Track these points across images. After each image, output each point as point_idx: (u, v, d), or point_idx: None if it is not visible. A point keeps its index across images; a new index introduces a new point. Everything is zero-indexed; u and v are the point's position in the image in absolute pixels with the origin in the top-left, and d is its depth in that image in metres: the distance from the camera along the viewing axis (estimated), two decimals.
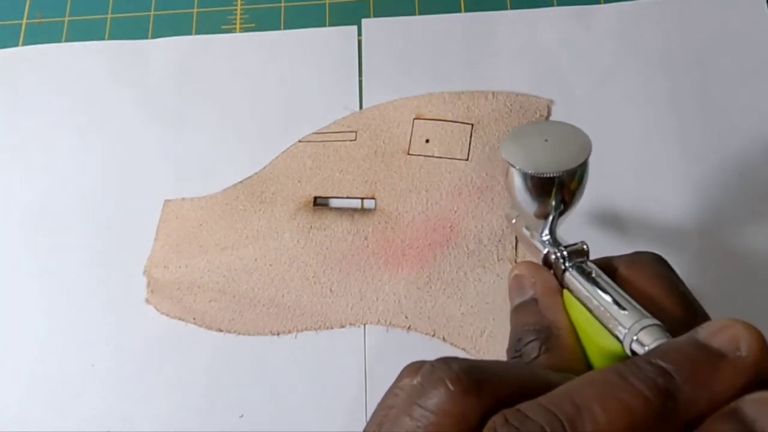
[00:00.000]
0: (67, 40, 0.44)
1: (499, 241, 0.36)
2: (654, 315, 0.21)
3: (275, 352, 0.35)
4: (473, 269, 0.36)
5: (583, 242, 0.26)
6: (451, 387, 0.18)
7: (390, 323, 0.35)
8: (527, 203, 0.27)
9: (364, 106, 0.40)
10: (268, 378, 0.35)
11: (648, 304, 0.22)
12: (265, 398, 0.35)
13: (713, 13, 0.41)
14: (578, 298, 0.24)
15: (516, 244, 0.36)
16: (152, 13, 0.45)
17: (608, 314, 0.22)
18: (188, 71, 0.42)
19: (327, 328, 0.36)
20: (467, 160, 0.38)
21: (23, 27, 0.45)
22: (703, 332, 0.19)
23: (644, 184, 0.37)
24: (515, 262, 0.36)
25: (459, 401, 0.18)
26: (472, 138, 0.38)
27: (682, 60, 0.40)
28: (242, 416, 0.34)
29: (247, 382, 0.35)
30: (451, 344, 0.34)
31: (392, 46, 0.42)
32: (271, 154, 0.39)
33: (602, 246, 0.36)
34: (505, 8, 0.42)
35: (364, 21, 0.43)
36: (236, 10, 0.44)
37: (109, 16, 0.45)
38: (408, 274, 0.36)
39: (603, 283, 0.23)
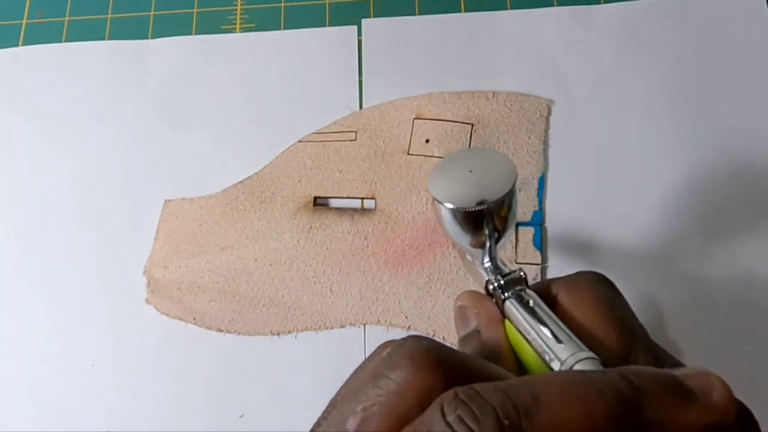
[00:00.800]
0: (67, 40, 0.44)
1: None
2: (591, 344, 0.21)
3: (275, 352, 0.35)
4: None
5: (520, 269, 0.25)
6: (418, 360, 0.18)
7: (390, 323, 0.35)
8: (460, 236, 0.27)
9: (364, 106, 0.40)
10: (268, 378, 0.35)
11: (586, 333, 0.22)
12: (265, 398, 0.35)
13: (713, 13, 0.40)
14: (517, 329, 0.24)
15: (516, 244, 0.36)
16: (152, 13, 0.45)
17: (545, 346, 0.22)
18: (188, 71, 0.42)
19: (327, 328, 0.36)
20: None
21: (23, 27, 0.45)
22: (679, 371, 0.19)
23: (644, 185, 0.37)
24: (515, 262, 0.36)
25: (422, 375, 0.18)
26: (472, 138, 0.38)
27: (682, 60, 0.40)
28: (242, 416, 0.34)
29: (247, 382, 0.35)
30: (451, 344, 0.34)
31: (392, 46, 0.42)
32: (271, 154, 0.39)
33: (602, 247, 0.36)
34: (505, 8, 0.42)
35: (364, 21, 0.43)
36: (236, 10, 0.44)
37: (109, 16, 0.45)
38: (408, 274, 0.36)
39: (540, 313, 0.23)
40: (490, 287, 0.25)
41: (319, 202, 0.38)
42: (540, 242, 0.36)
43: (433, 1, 0.43)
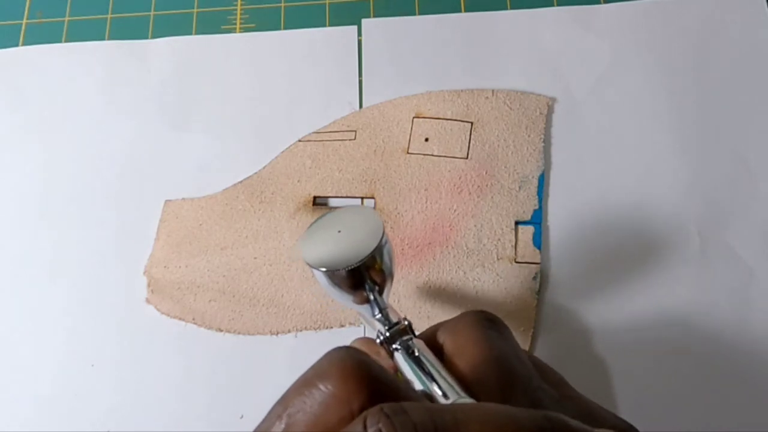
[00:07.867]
0: (67, 40, 0.44)
1: (499, 240, 0.36)
2: (475, 390, 0.22)
3: (275, 352, 0.35)
4: (473, 268, 0.36)
5: (405, 318, 0.26)
6: (347, 372, 0.19)
7: None
8: (342, 297, 0.27)
9: (364, 105, 0.40)
10: (268, 378, 0.35)
11: (468, 379, 0.22)
12: (265, 398, 0.34)
13: (713, 14, 0.41)
14: (406, 379, 0.24)
15: (516, 243, 0.36)
16: (152, 13, 0.45)
17: (430, 396, 0.22)
18: (188, 71, 0.42)
19: (327, 328, 0.36)
20: (467, 158, 0.38)
21: (23, 27, 0.45)
22: (597, 431, 0.19)
23: (644, 184, 0.37)
24: (515, 261, 0.36)
25: (349, 387, 0.19)
26: (472, 136, 0.38)
27: (682, 60, 0.40)
28: (242, 416, 0.34)
29: (247, 382, 0.35)
30: None
31: (392, 46, 0.42)
32: (271, 154, 0.39)
33: (602, 245, 0.36)
34: (505, 8, 0.42)
35: (364, 21, 0.43)
36: (236, 10, 0.44)
37: (109, 16, 0.45)
38: (407, 273, 0.36)
39: (425, 363, 0.23)
40: (378, 340, 0.26)
41: (319, 202, 0.38)
42: (540, 241, 0.36)
43: (433, 1, 0.43)
